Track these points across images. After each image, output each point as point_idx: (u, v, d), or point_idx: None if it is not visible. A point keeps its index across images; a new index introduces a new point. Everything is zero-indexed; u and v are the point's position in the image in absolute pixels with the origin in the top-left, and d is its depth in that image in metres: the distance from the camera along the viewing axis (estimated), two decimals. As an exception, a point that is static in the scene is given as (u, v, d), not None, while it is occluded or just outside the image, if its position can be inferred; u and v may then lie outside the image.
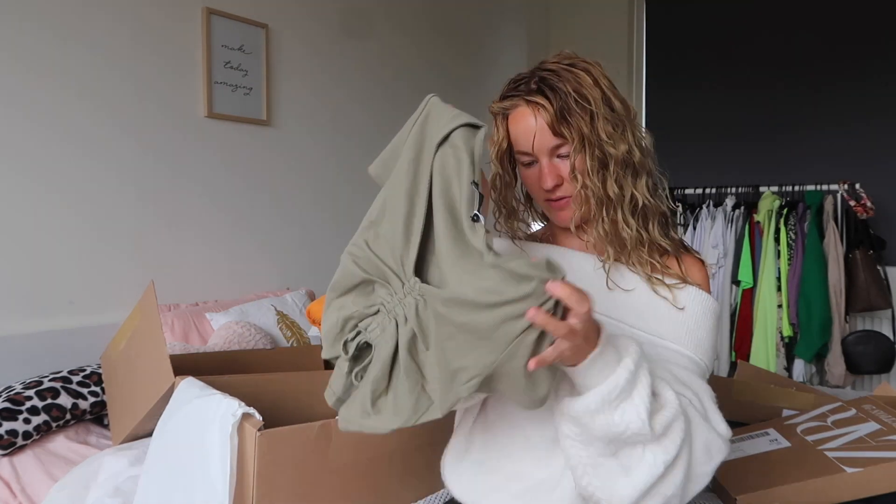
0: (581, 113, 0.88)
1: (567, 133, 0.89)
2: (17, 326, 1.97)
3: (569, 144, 0.90)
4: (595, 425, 0.73)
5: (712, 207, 3.44)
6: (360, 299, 0.83)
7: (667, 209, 0.97)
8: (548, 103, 0.89)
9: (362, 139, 3.07)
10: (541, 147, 0.91)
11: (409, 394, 0.76)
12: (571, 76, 0.90)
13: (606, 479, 0.77)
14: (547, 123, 0.90)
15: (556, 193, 0.94)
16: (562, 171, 0.92)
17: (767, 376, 2.04)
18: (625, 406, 0.73)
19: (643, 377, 0.74)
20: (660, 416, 0.75)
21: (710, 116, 3.83)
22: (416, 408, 0.75)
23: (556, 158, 0.92)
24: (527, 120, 0.92)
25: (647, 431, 0.73)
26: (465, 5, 3.65)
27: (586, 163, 0.89)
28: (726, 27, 3.79)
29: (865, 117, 3.40)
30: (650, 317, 0.92)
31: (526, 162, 0.96)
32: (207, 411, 1.16)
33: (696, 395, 0.83)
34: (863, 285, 3.06)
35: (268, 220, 2.67)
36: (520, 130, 0.93)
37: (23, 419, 1.55)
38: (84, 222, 2.14)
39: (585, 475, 0.78)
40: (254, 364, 1.64)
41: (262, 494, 1.09)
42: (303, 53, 2.80)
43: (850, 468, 1.21)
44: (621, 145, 0.89)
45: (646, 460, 0.75)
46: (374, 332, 0.81)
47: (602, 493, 0.78)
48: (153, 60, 2.30)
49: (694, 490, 0.80)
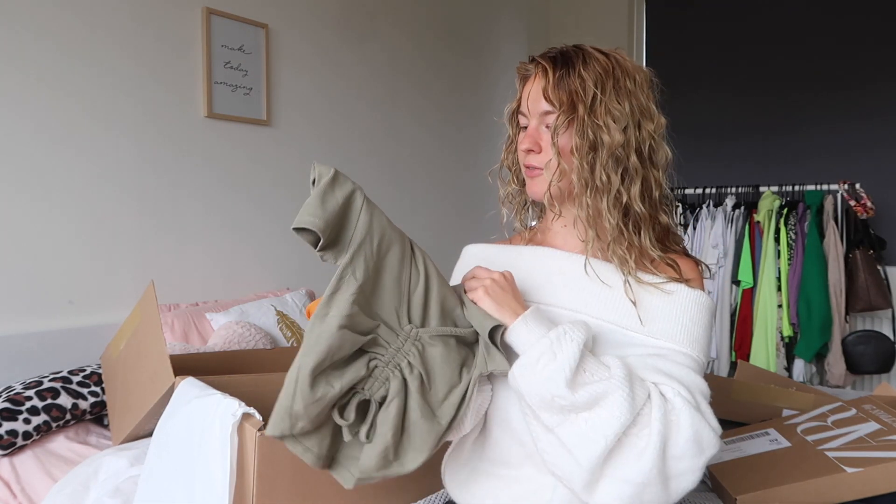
0: (582, 90, 0.90)
1: (556, 101, 0.91)
2: (17, 326, 1.97)
3: (555, 113, 0.91)
4: (523, 388, 0.81)
5: (712, 207, 3.44)
6: (352, 368, 0.81)
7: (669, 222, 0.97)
8: (551, 69, 0.92)
9: (363, 139, 3.07)
10: (532, 109, 0.94)
11: (430, 432, 0.81)
12: (595, 60, 0.92)
13: (554, 454, 0.82)
14: (542, 88, 0.92)
15: (529, 159, 0.95)
16: (542, 139, 0.94)
17: (767, 376, 2.04)
18: (546, 369, 0.79)
19: (569, 348, 0.80)
20: (589, 387, 0.78)
21: (710, 116, 3.83)
22: (437, 439, 0.82)
23: (543, 127, 0.94)
24: (535, 82, 0.94)
25: (565, 394, 0.78)
26: (464, 5, 3.65)
27: (572, 139, 0.90)
28: (726, 27, 3.79)
29: (865, 117, 3.40)
30: (639, 314, 0.91)
31: (522, 125, 0.98)
32: (207, 411, 1.16)
33: (685, 387, 0.82)
34: (863, 285, 3.06)
35: (268, 220, 2.67)
36: (524, 92, 0.97)
37: (23, 419, 1.55)
38: (84, 222, 2.14)
39: (542, 452, 0.83)
40: (254, 364, 1.65)
41: (262, 494, 1.09)
42: (303, 53, 2.80)
43: (850, 468, 1.20)
44: (616, 136, 0.89)
45: (583, 434, 0.78)
46: (374, 388, 0.82)
47: (557, 471, 0.82)
48: (153, 60, 2.30)
49: (683, 484, 0.79)
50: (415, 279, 0.86)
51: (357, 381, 0.81)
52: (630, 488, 0.77)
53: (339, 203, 0.82)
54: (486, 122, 3.69)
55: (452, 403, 0.83)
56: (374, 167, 3.13)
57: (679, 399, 0.80)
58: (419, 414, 0.81)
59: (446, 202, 3.51)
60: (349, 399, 0.81)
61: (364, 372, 0.81)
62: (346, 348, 0.80)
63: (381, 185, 3.16)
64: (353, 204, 0.84)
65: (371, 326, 0.83)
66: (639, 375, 0.83)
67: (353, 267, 0.82)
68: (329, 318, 0.79)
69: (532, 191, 0.97)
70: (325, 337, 0.78)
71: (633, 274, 0.92)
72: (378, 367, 0.82)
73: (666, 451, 0.78)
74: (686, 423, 0.78)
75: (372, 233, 0.84)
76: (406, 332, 0.84)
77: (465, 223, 3.57)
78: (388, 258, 0.85)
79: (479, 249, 1.07)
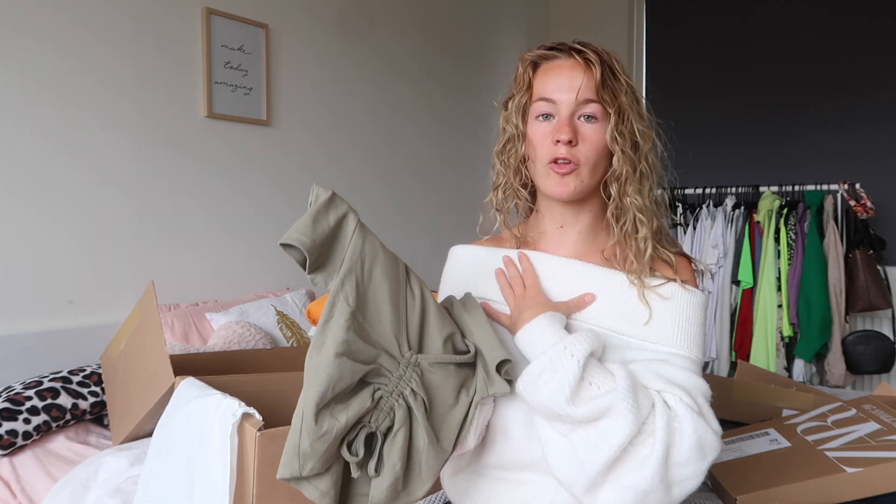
0: (623, 86, 0.89)
1: (609, 97, 0.88)
2: (18, 326, 1.97)
3: (604, 109, 0.88)
4: (528, 401, 0.82)
5: (712, 207, 3.44)
6: (356, 399, 0.78)
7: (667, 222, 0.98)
8: (598, 62, 0.89)
9: (362, 139, 3.07)
10: (574, 101, 0.88)
11: (436, 458, 0.80)
12: (612, 58, 0.92)
13: (559, 458, 0.81)
14: (595, 80, 0.88)
15: (564, 152, 0.88)
16: (581, 132, 0.89)
17: (767, 376, 2.04)
18: (547, 386, 0.79)
19: (568, 364, 0.79)
20: (594, 401, 0.78)
21: (710, 116, 3.83)
22: (442, 464, 0.82)
23: (579, 119, 0.89)
24: (567, 70, 0.90)
25: (566, 409, 0.78)
26: (464, 6, 3.65)
27: (626, 133, 0.89)
28: (727, 27, 3.79)
29: (865, 117, 3.40)
30: (637, 321, 0.90)
31: (543, 112, 0.91)
32: (207, 411, 1.17)
33: (687, 392, 0.82)
34: (863, 285, 3.06)
35: (268, 220, 2.67)
36: (552, 78, 0.90)
37: (23, 419, 1.55)
38: (84, 222, 2.14)
39: (547, 455, 0.82)
40: (254, 364, 1.65)
41: (262, 494, 1.09)
42: (303, 53, 2.81)
43: (850, 468, 1.20)
44: (649, 133, 0.91)
45: (591, 441, 0.78)
46: (379, 420, 0.79)
47: (559, 474, 0.81)
48: (153, 60, 2.30)
49: (686, 489, 0.79)
50: (411, 304, 0.84)
51: (363, 413, 0.78)
52: (633, 494, 0.77)
53: (331, 225, 0.81)
54: (486, 123, 3.69)
55: (454, 426, 0.82)
56: (373, 167, 3.13)
57: (682, 406, 0.80)
58: (425, 441, 0.79)
59: (444, 203, 3.51)
60: (357, 434, 0.78)
61: (369, 403, 0.78)
62: (346, 378, 0.76)
63: (379, 186, 3.16)
64: (345, 227, 0.82)
65: (372, 356, 0.80)
66: (642, 384, 0.82)
67: (345, 292, 0.79)
68: (325, 347, 0.77)
69: (560, 188, 0.90)
70: (322, 367, 0.75)
71: (642, 278, 0.91)
72: (383, 397, 0.80)
73: (669, 459, 0.78)
74: (689, 430, 0.78)
75: (363, 257, 0.81)
76: (406, 359, 0.82)
77: (463, 224, 3.56)
78: (381, 283, 0.82)
79: (467, 251, 1.05)
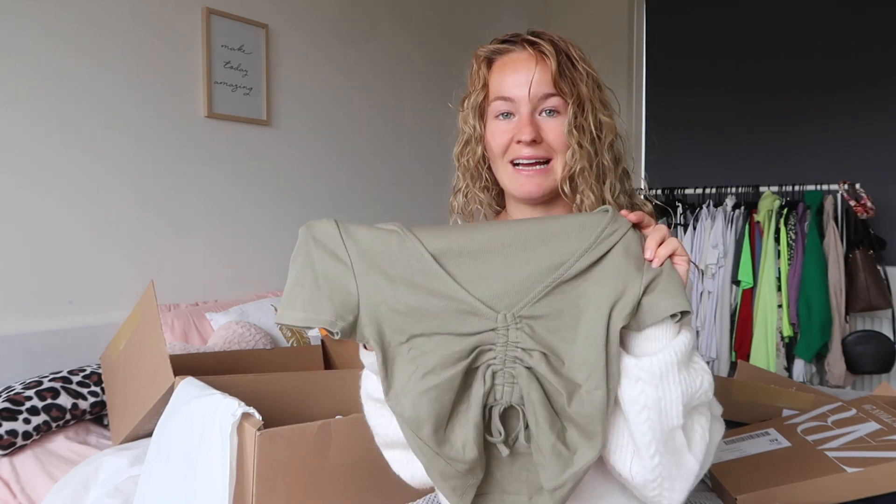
0: (582, 75, 0.84)
1: (567, 88, 0.82)
2: (17, 326, 1.97)
3: (564, 101, 0.83)
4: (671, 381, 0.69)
5: (712, 207, 3.44)
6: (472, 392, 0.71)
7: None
8: (553, 53, 0.83)
9: (363, 139, 3.07)
10: (532, 96, 0.83)
11: (591, 403, 0.68)
12: (569, 45, 0.86)
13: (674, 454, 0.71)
14: (551, 72, 0.82)
15: (527, 152, 0.83)
16: (543, 128, 0.84)
17: (767, 376, 2.04)
18: (694, 361, 0.72)
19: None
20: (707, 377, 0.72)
21: (710, 116, 3.83)
22: (602, 413, 0.68)
23: (540, 115, 0.84)
24: (522, 64, 0.84)
25: (710, 388, 0.71)
26: (464, 4, 3.65)
27: (585, 126, 0.82)
28: (727, 27, 3.79)
29: (865, 117, 3.40)
30: None
31: (502, 112, 0.86)
32: (207, 411, 1.16)
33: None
34: (863, 285, 3.06)
35: (268, 220, 2.67)
36: (507, 74, 0.85)
37: (23, 419, 1.55)
38: (84, 222, 2.14)
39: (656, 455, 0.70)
40: (254, 364, 1.65)
41: (261, 494, 1.09)
42: (303, 53, 2.80)
43: (850, 468, 1.21)
44: (612, 123, 0.86)
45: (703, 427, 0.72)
46: (506, 393, 0.71)
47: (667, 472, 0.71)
48: (153, 60, 2.30)
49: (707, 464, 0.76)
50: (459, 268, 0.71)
51: (483, 397, 0.70)
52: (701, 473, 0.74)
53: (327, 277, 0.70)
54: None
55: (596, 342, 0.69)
56: (374, 167, 3.13)
57: None
58: (564, 395, 0.69)
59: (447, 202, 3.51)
60: (490, 416, 0.71)
61: (486, 386, 0.70)
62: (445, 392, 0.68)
63: (383, 185, 3.16)
64: (339, 268, 0.70)
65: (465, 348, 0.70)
66: None
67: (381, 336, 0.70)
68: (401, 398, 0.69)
69: (526, 187, 0.85)
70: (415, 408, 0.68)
71: None
72: (497, 372, 0.71)
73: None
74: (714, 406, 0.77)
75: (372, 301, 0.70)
76: (503, 321, 0.70)
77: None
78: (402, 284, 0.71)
79: None
